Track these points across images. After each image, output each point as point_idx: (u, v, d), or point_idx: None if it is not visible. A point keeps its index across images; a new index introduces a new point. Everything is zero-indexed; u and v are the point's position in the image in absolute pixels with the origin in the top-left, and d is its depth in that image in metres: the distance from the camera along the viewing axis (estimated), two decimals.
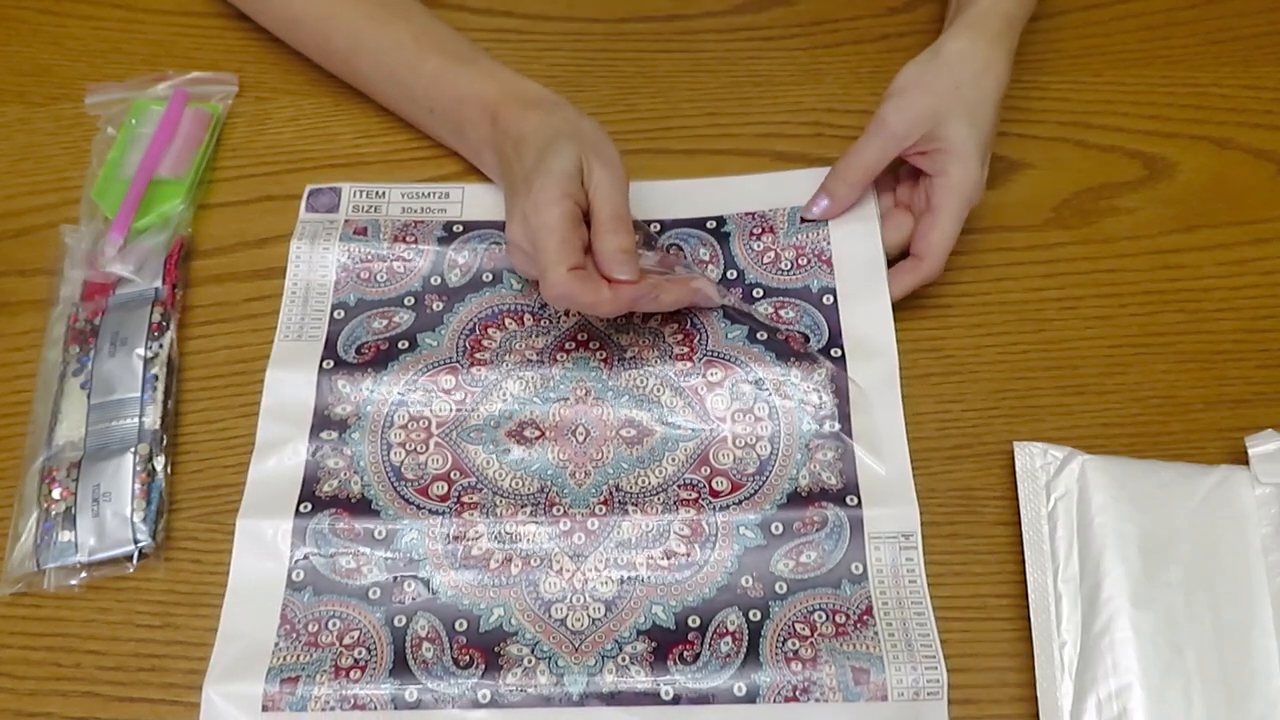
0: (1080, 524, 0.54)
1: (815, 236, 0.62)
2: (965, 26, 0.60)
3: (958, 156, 0.58)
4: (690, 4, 0.74)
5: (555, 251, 0.52)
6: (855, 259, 0.61)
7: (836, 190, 0.61)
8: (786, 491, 0.56)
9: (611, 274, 0.53)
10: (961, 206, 0.59)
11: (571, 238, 0.53)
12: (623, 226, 0.54)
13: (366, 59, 0.65)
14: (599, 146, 0.56)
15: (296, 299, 0.61)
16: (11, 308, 0.62)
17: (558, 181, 0.54)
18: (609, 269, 0.54)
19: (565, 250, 0.52)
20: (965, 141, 0.58)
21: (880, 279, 0.60)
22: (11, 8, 0.73)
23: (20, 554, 0.54)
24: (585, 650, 0.52)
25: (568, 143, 0.55)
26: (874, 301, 0.60)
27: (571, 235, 0.53)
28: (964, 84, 0.59)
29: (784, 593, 0.53)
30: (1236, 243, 0.65)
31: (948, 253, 0.60)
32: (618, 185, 0.55)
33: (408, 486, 0.56)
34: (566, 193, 0.53)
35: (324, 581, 0.54)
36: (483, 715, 0.50)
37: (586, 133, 0.57)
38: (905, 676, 0.51)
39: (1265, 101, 0.70)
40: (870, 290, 0.60)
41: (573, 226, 0.53)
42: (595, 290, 0.53)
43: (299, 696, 0.50)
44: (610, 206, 0.54)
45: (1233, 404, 0.59)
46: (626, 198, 0.56)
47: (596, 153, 0.55)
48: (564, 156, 0.55)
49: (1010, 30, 0.61)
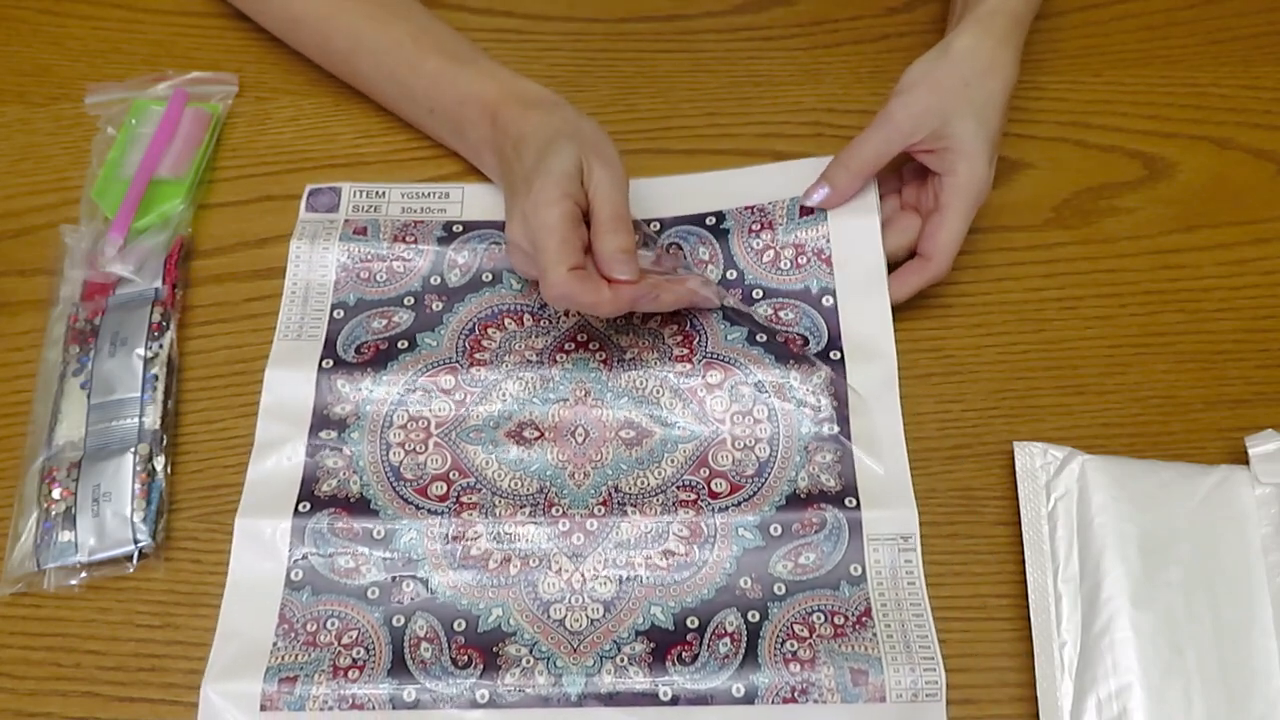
0: (1080, 524, 0.54)
1: (815, 234, 0.62)
2: (973, 23, 0.60)
3: (965, 155, 0.58)
4: (690, 4, 0.74)
5: (555, 251, 0.52)
6: (855, 259, 0.61)
7: (837, 179, 0.61)
8: (785, 493, 0.56)
9: (611, 274, 0.53)
10: (969, 206, 0.59)
11: (571, 238, 0.53)
12: (623, 226, 0.54)
13: (366, 59, 0.65)
14: (599, 146, 0.56)
15: (296, 299, 0.61)
16: (11, 308, 0.62)
17: (558, 181, 0.53)
18: (609, 269, 0.53)
19: (565, 250, 0.52)
20: (973, 140, 0.58)
21: (880, 280, 0.60)
22: (11, 8, 0.73)
23: (20, 554, 0.54)
24: (584, 651, 0.52)
25: (568, 143, 0.55)
26: (874, 303, 0.60)
27: (571, 235, 0.53)
28: (972, 82, 0.59)
29: (783, 594, 0.53)
30: (1236, 243, 0.65)
31: (955, 253, 0.59)
32: (618, 185, 0.55)
33: (407, 486, 0.56)
34: (566, 193, 0.53)
35: (322, 581, 0.54)
36: (481, 715, 0.50)
37: (586, 133, 0.57)
38: (904, 678, 0.51)
39: (1265, 101, 0.70)
40: (870, 291, 0.60)
41: (572, 226, 0.53)
42: (596, 290, 0.53)
43: (297, 696, 0.50)
44: (610, 206, 0.54)
45: (1233, 404, 0.59)
46: (626, 198, 0.56)
47: (596, 152, 0.55)
48: (564, 156, 0.54)
49: (1018, 28, 0.61)
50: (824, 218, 0.62)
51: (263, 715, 0.50)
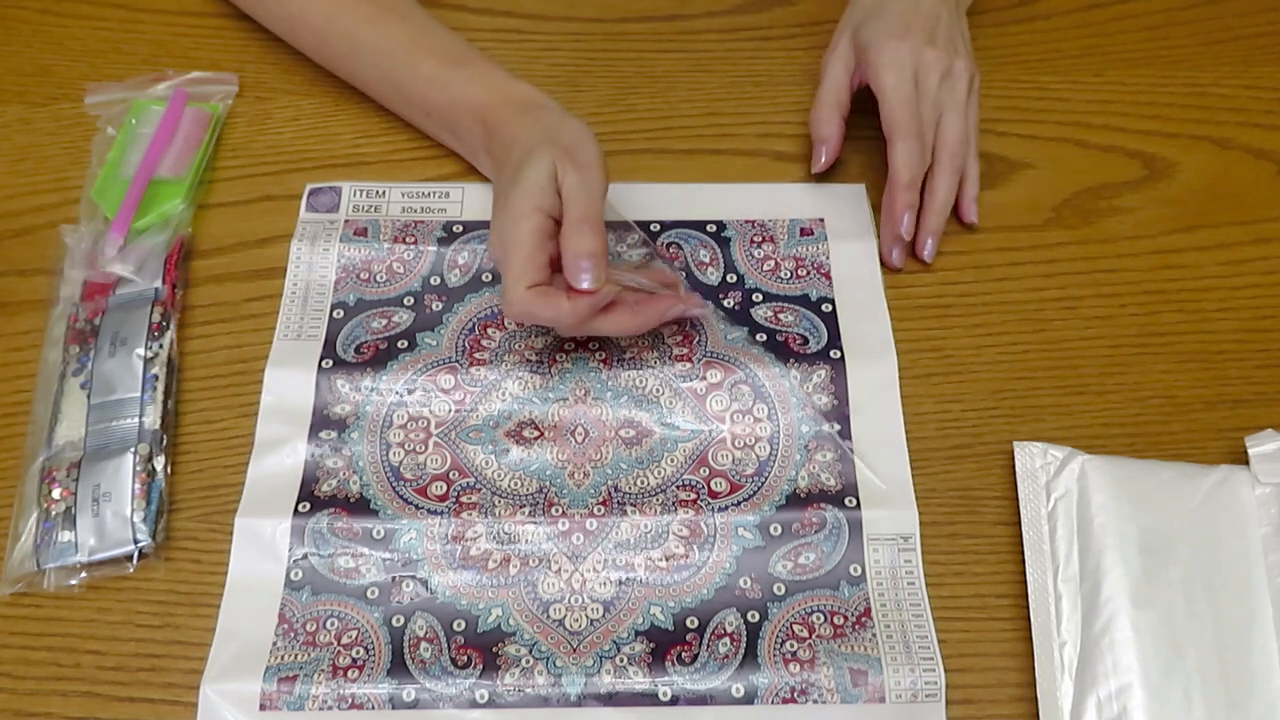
0: (1080, 524, 0.54)
1: (815, 250, 0.63)
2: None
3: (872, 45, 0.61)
4: (690, 4, 0.74)
5: (517, 268, 0.52)
6: (853, 277, 0.62)
7: (823, 129, 0.63)
8: (785, 493, 0.56)
9: (573, 281, 0.52)
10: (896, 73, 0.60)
11: (536, 254, 0.53)
12: (589, 229, 0.53)
13: (364, 61, 0.65)
14: (575, 150, 0.55)
15: (296, 299, 0.61)
16: (11, 308, 0.62)
17: (528, 194, 0.53)
18: (570, 275, 0.52)
19: (528, 267, 0.52)
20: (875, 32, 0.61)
21: (879, 295, 0.61)
22: (11, 8, 0.73)
23: (20, 554, 0.54)
24: (583, 651, 0.52)
25: (542, 150, 0.55)
26: (873, 310, 0.61)
27: (537, 252, 0.53)
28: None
29: (782, 594, 0.53)
30: (1236, 243, 0.65)
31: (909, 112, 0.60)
32: (588, 188, 0.54)
33: (406, 486, 0.56)
34: (537, 206, 0.53)
35: (322, 581, 0.54)
36: (480, 715, 0.50)
37: (564, 136, 0.56)
38: (903, 678, 0.51)
39: (1265, 101, 0.70)
40: (869, 302, 0.61)
41: (539, 242, 0.53)
42: (554, 305, 0.52)
43: (296, 696, 0.50)
44: (577, 209, 0.53)
45: (1233, 404, 0.59)
46: (598, 200, 0.54)
47: (571, 156, 0.55)
48: (537, 167, 0.54)
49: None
50: (824, 237, 0.63)
51: (262, 715, 0.50)
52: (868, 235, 0.63)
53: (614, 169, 0.56)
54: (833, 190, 0.66)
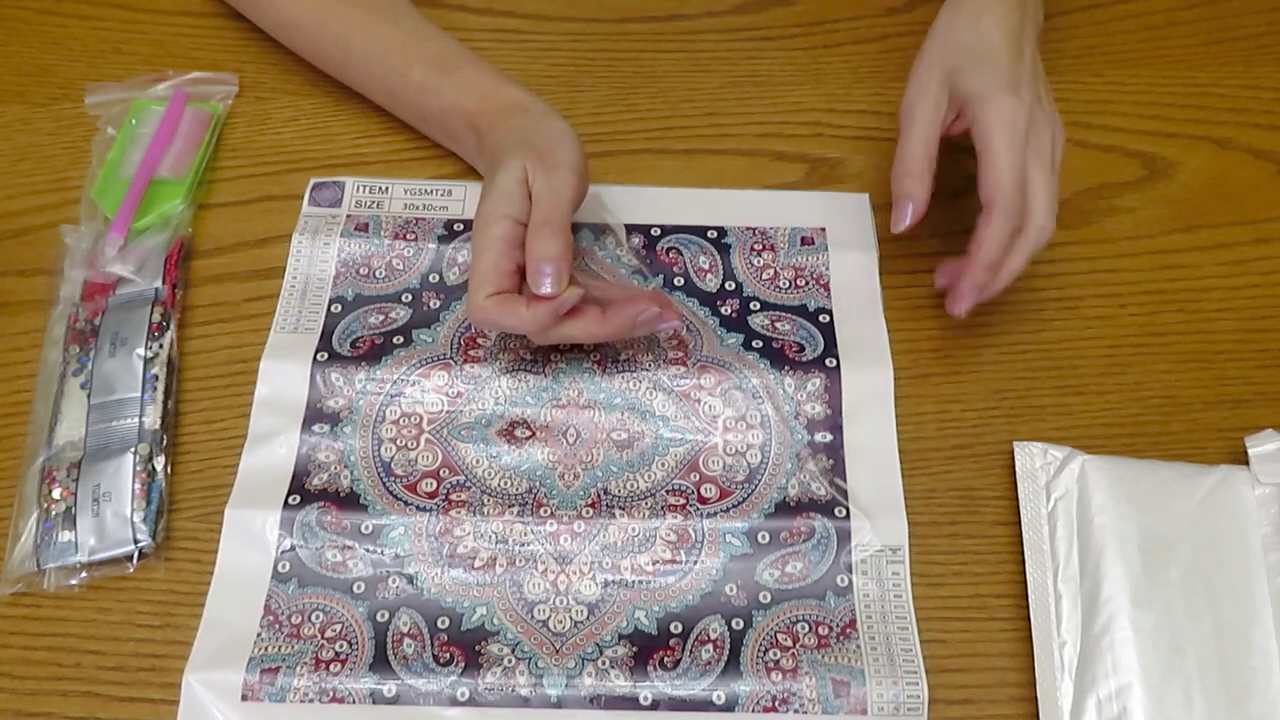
0: (1080, 524, 0.54)
1: (815, 261, 0.63)
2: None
3: (979, 97, 0.54)
4: (690, 4, 0.74)
5: (479, 276, 0.53)
6: (852, 288, 0.62)
7: (913, 190, 0.56)
8: (775, 501, 0.55)
9: (533, 285, 0.52)
10: (1008, 137, 0.54)
11: (501, 261, 0.53)
12: (549, 233, 0.52)
13: (357, 67, 0.65)
14: (549, 152, 0.55)
15: (295, 292, 0.61)
16: (11, 308, 0.62)
17: (494, 200, 0.53)
18: (531, 279, 0.52)
19: (490, 274, 0.52)
20: (986, 83, 0.55)
21: (876, 306, 0.61)
22: (11, 8, 0.73)
23: (20, 554, 0.54)
24: (566, 652, 0.52)
25: (515, 155, 0.55)
26: (870, 322, 0.61)
27: (501, 259, 0.53)
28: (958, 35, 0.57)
29: (768, 602, 0.53)
30: (1236, 243, 0.65)
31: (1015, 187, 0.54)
32: (555, 190, 0.54)
33: (397, 482, 0.56)
34: (505, 213, 0.53)
35: (309, 574, 0.54)
36: (460, 713, 0.50)
37: (541, 139, 0.56)
38: (886, 690, 0.50)
39: (1265, 101, 0.70)
40: (866, 313, 0.61)
41: (503, 249, 0.53)
42: (513, 312, 0.52)
43: (278, 687, 0.50)
44: (540, 212, 0.53)
45: (1233, 404, 0.59)
46: (565, 203, 0.54)
47: (544, 159, 0.54)
48: (505, 172, 0.54)
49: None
50: (824, 247, 0.63)
51: (243, 705, 0.50)
52: (869, 247, 0.63)
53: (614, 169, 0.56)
54: (836, 199, 0.65)
